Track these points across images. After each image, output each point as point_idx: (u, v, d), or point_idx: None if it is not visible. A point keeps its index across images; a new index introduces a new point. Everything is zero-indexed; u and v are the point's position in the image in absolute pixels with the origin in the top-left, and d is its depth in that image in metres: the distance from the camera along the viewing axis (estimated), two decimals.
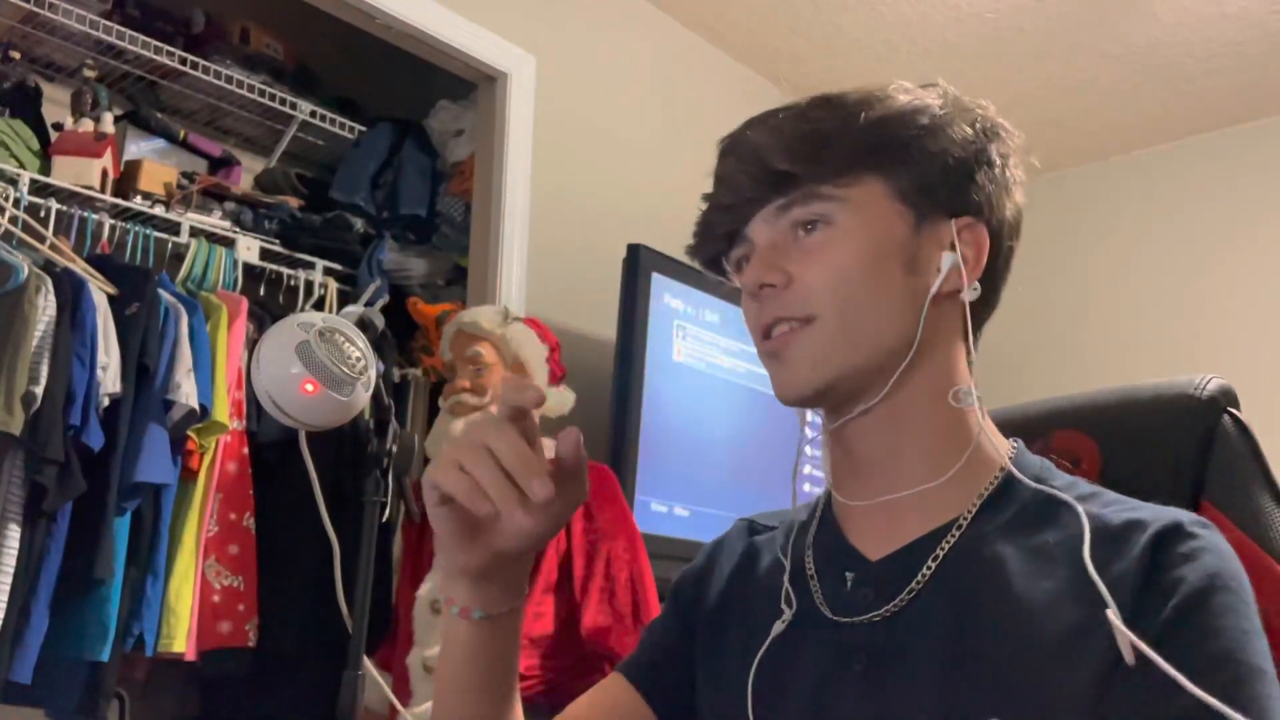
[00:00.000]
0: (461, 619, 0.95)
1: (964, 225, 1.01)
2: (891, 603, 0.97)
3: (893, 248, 0.99)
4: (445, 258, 3.59)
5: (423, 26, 3.04)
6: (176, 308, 2.70)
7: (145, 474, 2.50)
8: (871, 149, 1.00)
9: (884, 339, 0.98)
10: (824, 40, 3.96)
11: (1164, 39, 3.83)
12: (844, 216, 0.99)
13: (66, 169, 2.96)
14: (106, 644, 2.45)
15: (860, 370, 0.98)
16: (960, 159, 1.01)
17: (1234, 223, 4.38)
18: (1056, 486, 0.98)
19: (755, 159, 1.02)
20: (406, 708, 2.32)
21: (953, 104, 1.03)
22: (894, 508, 1.01)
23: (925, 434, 1.00)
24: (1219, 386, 1.15)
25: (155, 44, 3.26)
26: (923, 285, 1.00)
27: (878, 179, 1.00)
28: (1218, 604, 0.84)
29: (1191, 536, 0.88)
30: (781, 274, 1.00)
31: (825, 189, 0.99)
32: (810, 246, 1.00)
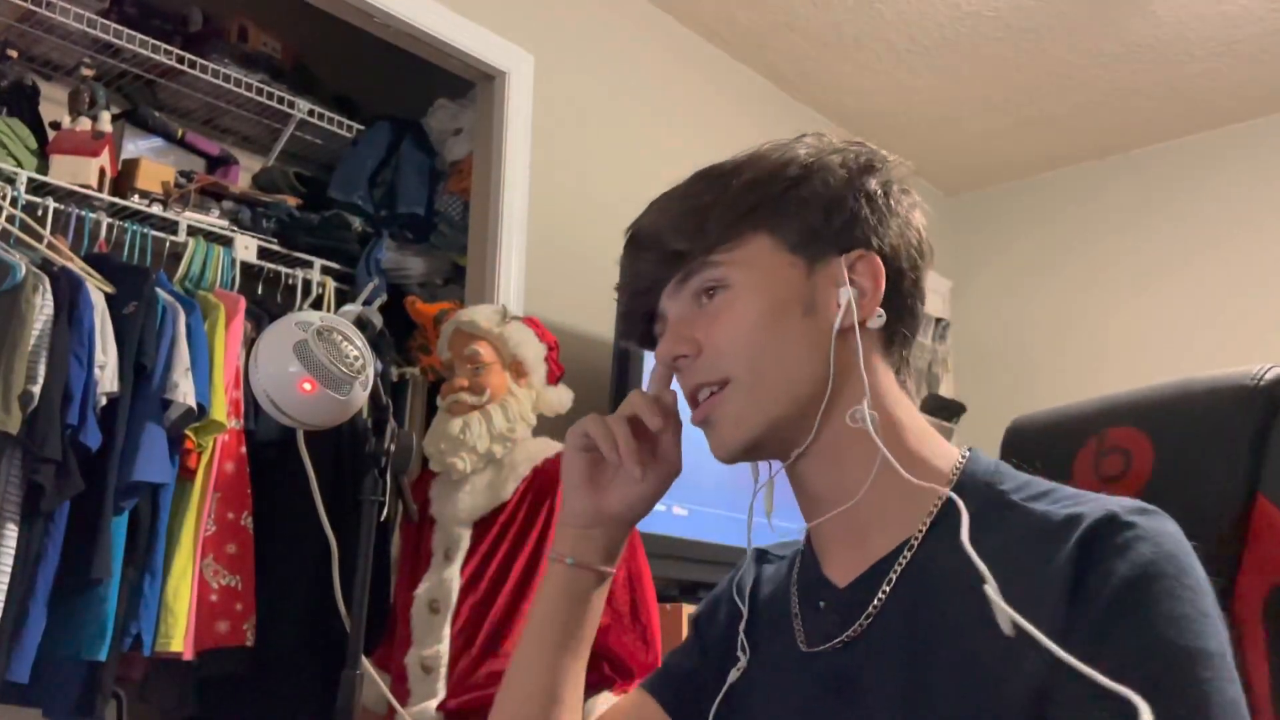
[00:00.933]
0: (558, 563, 1.10)
1: (855, 259, 1.04)
2: (851, 628, 0.99)
3: (789, 295, 1.03)
4: (443, 257, 3.59)
5: (421, 25, 3.04)
6: (174, 307, 2.69)
7: (143, 473, 2.50)
8: (748, 210, 1.04)
9: (798, 384, 1.02)
10: (823, 39, 3.96)
11: (1163, 37, 3.83)
12: (737, 277, 1.03)
13: (64, 168, 2.95)
14: (104, 643, 2.44)
15: (783, 419, 1.02)
16: (836, 198, 1.04)
17: (1235, 220, 4.38)
18: (1005, 489, 1.00)
19: (652, 243, 1.08)
20: (404, 707, 2.32)
21: (819, 150, 1.07)
22: (856, 532, 1.03)
23: (866, 462, 1.02)
24: (1277, 376, 1.13)
25: (153, 42, 3.25)
26: (825, 325, 1.03)
27: (763, 235, 1.04)
28: (1152, 592, 0.85)
29: (1127, 526, 0.88)
30: (690, 343, 1.05)
31: (715, 256, 1.04)
32: (713, 312, 1.04)
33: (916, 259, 1.08)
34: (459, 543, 2.44)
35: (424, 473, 2.62)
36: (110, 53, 3.28)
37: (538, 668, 1.11)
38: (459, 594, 2.39)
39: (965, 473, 1.03)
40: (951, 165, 4.99)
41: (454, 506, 2.45)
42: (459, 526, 2.45)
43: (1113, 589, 0.85)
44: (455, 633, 2.37)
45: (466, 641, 2.35)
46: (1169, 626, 0.83)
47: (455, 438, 2.43)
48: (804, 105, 4.39)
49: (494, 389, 2.49)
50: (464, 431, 2.43)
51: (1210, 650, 0.83)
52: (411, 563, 2.59)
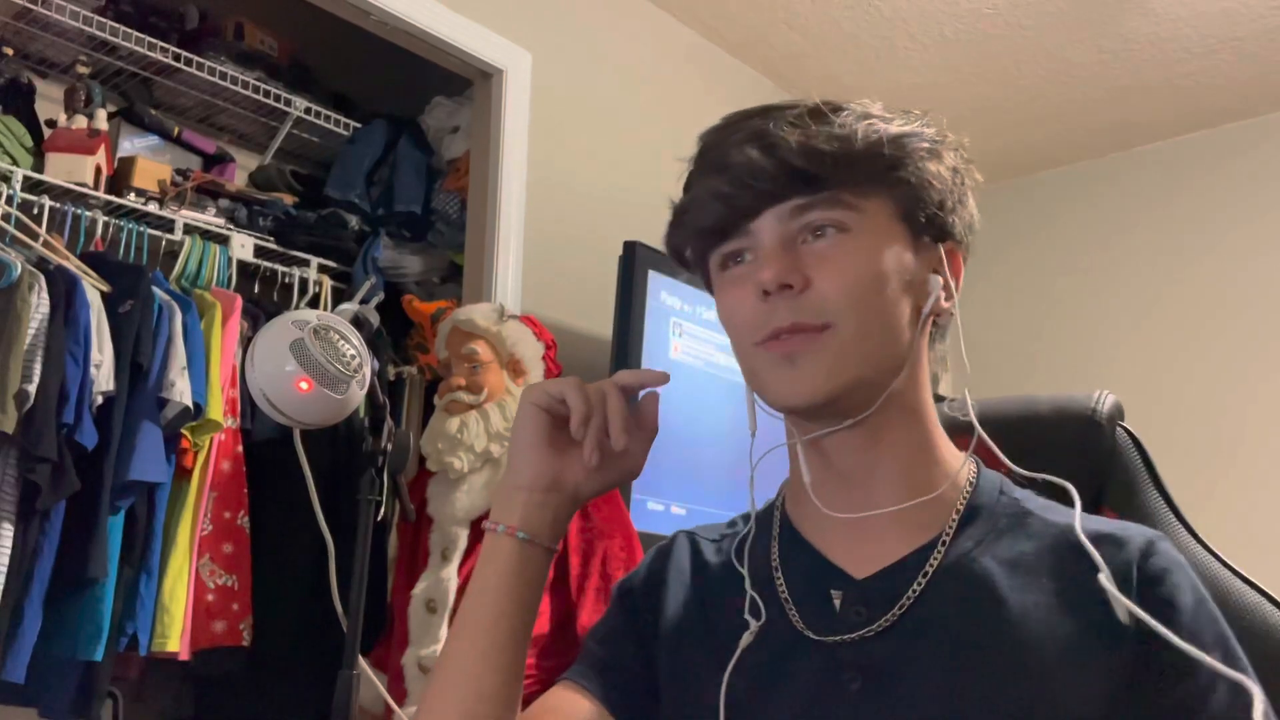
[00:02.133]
0: (507, 536, 1.01)
1: (949, 249, 1.05)
2: (884, 617, 0.98)
3: (897, 265, 1.00)
4: (440, 255, 3.58)
5: (418, 22, 3.03)
6: (170, 305, 2.69)
7: (139, 472, 2.49)
8: (891, 165, 1.00)
9: (889, 354, 1.00)
10: (821, 36, 3.95)
11: (1162, 34, 3.83)
12: (858, 227, 0.99)
13: (60, 166, 2.95)
14: (100, 643, 2.44)
15: (867, 383, 0.99)
16: (949, 187, 1.04)
17: (1235, 219, 4.37)
18: (1018, 498, 1.04)
19: (777, 153, 0.98)
20: (402, 707, 2.31)
21: (940, 132, 1.05)
22: (873, 525, 1.02)
23: (901, 451, 1.02)
24: (1114, 403, 1.25)
25: (149, 40, 3.24)
26: (918, 304, 1.02)
27: (887, 198, 1.01)
28: (1209, 607, 0.94)
29: (1168, 553, 0.96)
30: (801, 276, 0.98)
31: (847, 196, 0.99)
32: (823, 252, 0.99)
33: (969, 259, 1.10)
34: (456, 542, 2.43)
35: (421, 472, 2.62)
36: (106, 50, 3.27)
37: (489, 666, 0.99)
38: (456, 594, 2.39)
39: (981, 477, 1.06)
40: None
41: (451, 506, 2.44)
42: (456, 526, 2.44)
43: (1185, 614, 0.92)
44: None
45: None
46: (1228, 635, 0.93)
47: (452, 437, 2.43)
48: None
49: (491, 388, 2.48)
50: (461, 430, 2.43)
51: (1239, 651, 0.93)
52: (409, 562, 2.59)
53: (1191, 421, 4.19)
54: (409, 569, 2.56)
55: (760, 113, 1.02)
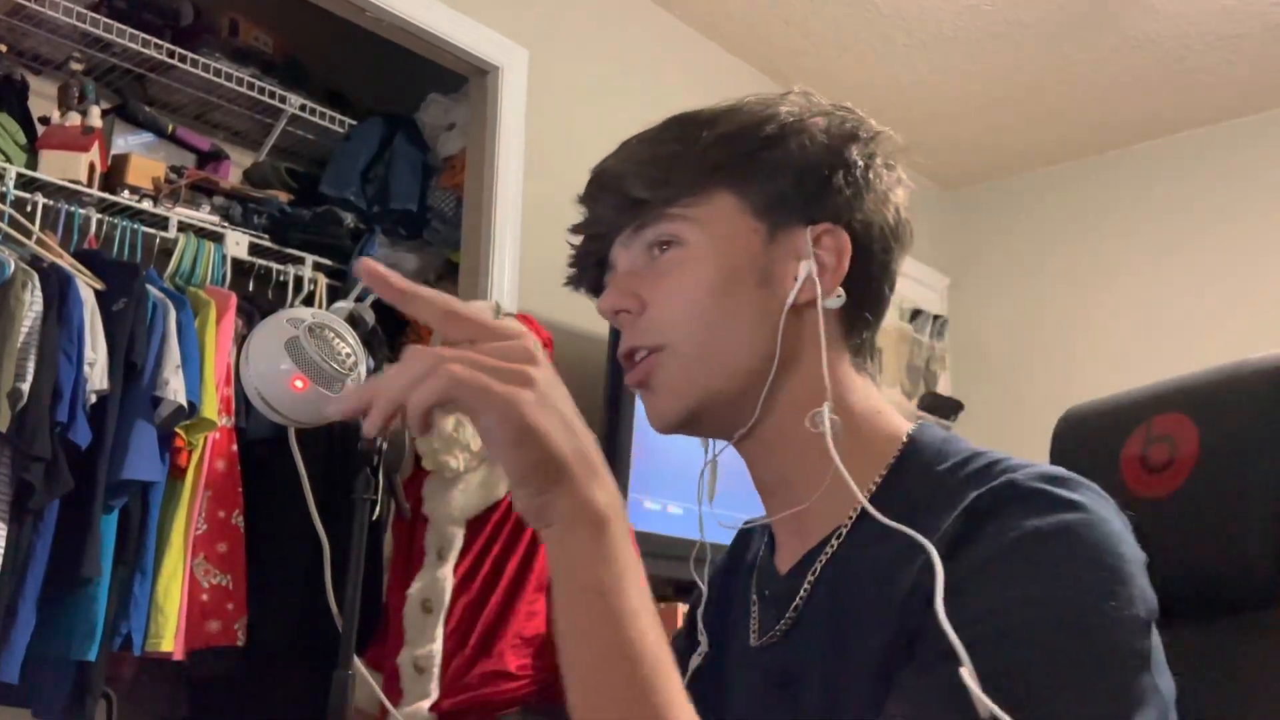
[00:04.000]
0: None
1: (821, 231, 0.98)
2: (782, 620, 0.96)
3: (744, 263, 0.97)
4: (436, 253, 3.57)
5: (413, 19, 3.02)
6: (164, 303, 2.68)
7: (133, 471, 2.49)
8: (716, 165, 0.98)
9: (741, 359, 0.97)
10: (820, 34, 3.94)
11: (1163, 32, 3.82)
12: (694, 235, 0.98)
13: (53, 163, 2.93)
14: (94, 643, 2.43)
15: (722, 394, 0.97)
16: (812, 164, 0.98)
17: (1235, 216, 4.37)
18: (943, 469, 0.94)
19: (613, 187, 1.02)
20: (397, 707, 2.31)
21: (804, 109, 1.01)
22: (801, 521, 0.99)
23: (810, 450, 0.95)
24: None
25: (143, 37, 3.22)
26: (778, 298, 0.97)
27: (728, 194, 0.98)
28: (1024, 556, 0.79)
29: (1024, 493, 0.83)
30: (635, 299, 0.99)
31: (674, 209, 0.98)
32: (663, 268, 0.98)
33: (890, 241, 1.02)
34: (452, 542, 2.42)
35: (416, 471, 2.60)
36: (100, 47, 3.25)
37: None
38: (452, 593, 2.38)
39: (903, 453, 0.98)
40: (949, 160, 4.98)
41: (447, 505, 2.43)
42: (452, 525, 2.43)
43: (987, 550, 0.80)
44: (448, 632, 2.36)
45: (459, 641, 2.34)
46: (1027, 586, 0.77)
47: (449, 435, 2.42)
48: None
49: None
50: (457, 429, 2.42)
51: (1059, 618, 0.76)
52: (404, 562, 2.58)
53: None
54: (404, 568, 2.55)
55: (620, 146, 1.05)
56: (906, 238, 1.04)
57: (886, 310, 1.05)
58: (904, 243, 1.03)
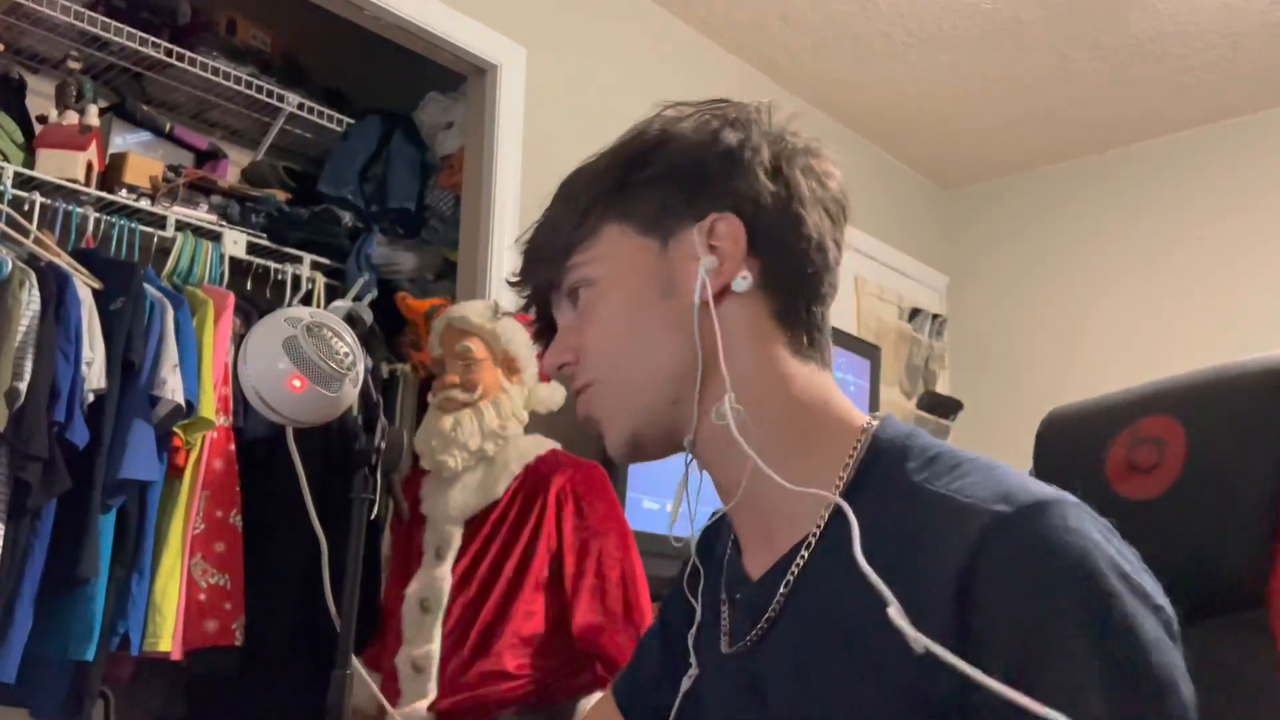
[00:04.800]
0: None
1: (710, 224, 0.97)
2: (755, 629, 0.96)
3: (643, 281, 0.99)
4: (434, 252, 3.56)
5: (411, 17, 3.01)
6: (162, 302, 2.67)
7: (130, 471, 2.48)
8: (593, 202, 1.01)
9: (661, 372, 0.98)
10: (819, 32, 3.94)
11: (1163, 30, 3.81)
12: (596, 272, 1.01)
13: (51, 162, 2.93)
14: (91, 643, 2.43)
15: (654, 409, 0.99)
16: (683, 166, 0.99)
17: (1234, 215, 4.37)
18: (910, 467, 0.91)
19: (531, 258, 1.08)
20: (395, 707, 2.30)
21: (669, 120, 1.02)
22: (764, 524, 0.98)
23: (757, 447, 0.93)
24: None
25: (141, 35, 3.22)
26: (685, 302, 0.97)
27: (613, 224, 1.01)
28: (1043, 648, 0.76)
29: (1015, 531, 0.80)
30: (570, 350, 1.03)
31: (574, 257, 1.02)
32: (584, 313, 1.02)
33: (795, 206, 0.98)
34: (450, 541, 2.42)
35: (415, 470, 2.60)
36: (97, 46, 3.25)
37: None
38: (450, 593, 2.38)
39: (870, 450, 0.95)
40: (948, 159, 4.98)
41: (445, 504, 2.43)
42: (450, 525, 2.43)
43: (1009, 627, 0.77)
44: (446, 632, 2.36)
45: (458, 641, 2.34)
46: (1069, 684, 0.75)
47: (446, 435, 2.42)
48: (798, 99, 4.37)
49: (486, 386, 2.47)
50: (455, 429, 2.42)
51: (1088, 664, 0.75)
52: (402, 561, 2.57)
53: None
54: (403, 568, 2.55)
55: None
56: (819, 198, 1.00)
57: (825, 282, 1.01)
58: (820, 203, 1.00)
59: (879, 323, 4.53)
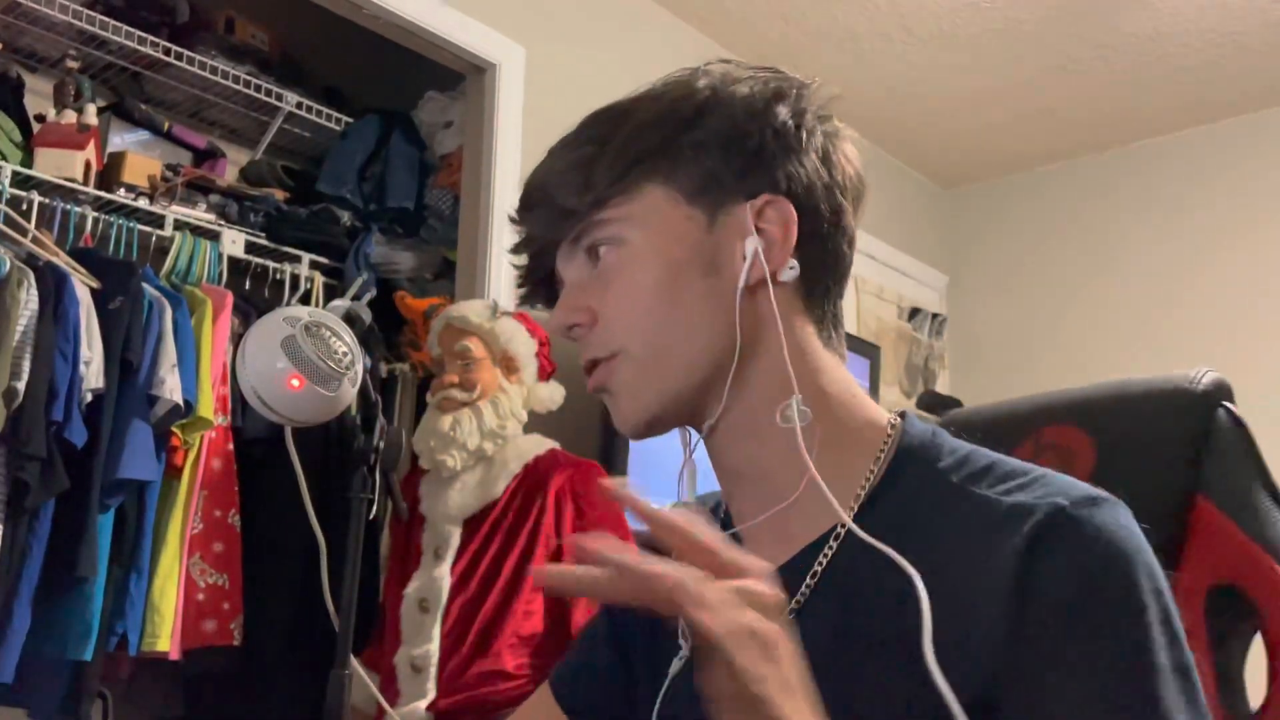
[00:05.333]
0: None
1: (762, 204, 0.93)
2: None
3: (687, 254, 0.93)
4: (433, 251, 3.56)
5: (410, 16, 3.01)
6: (160, 302, 2.67)
7: (129, 470, 2.48)
8: (638, 158, 0.94)
9: (698, 353, 0.93)
10: (818, 31, 3.93)
11: (1162, 29, 3.81)
12: (631, 234, 0.94)
13: (49, 161, 2.92)
14: (90, 643, 2.43)
15: (682, 391, 0.94)
16: (737, 136, 0.93)
17: (1234, 215, 4.36)
18: (944, 467, 0.91)
19: (541, 199, 0.98)
20: (394, 707, 2.30)
21: (721, 81, 0.96)
22: (783, 520, 0.94)
23: (783, 437, 0.91)
24: (1214, 380, 1.15)
25: (139, 34, 3.22)
26: (729, 284, 0.93)
27: (657, 185, 0.94)
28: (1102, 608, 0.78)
29: (1074, 523, 0.81)
30: (585, 312, 0.96)
31: (605, 213, 0.94)
32: (606, 275, 0.95)
33: (839, 197, 0.96)
34: (449, 541, 2.42)
35: (413, 470, 2.60)
36: (96, 45, 3.25)
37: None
38: (449, 593, 2.37)
39: (899, 448, 0.94)
40: (948, 158, 4.97)
41: (444, 504, 2.43)
42: (449, 524, 2.43)
43: (1060, 603, 0.79)
44: (445, 632, 2.35)
45: (456, 641, 2.33)
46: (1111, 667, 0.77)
47: (445, 434, 2.41)
48: None
49: (485, 385, 2.46)
50: (454, 428, 2.41)
51: (1160, 664, 0.77)
52: (401, 561, 2.57)
53: None
54: (401, 568, 2.54)
55: (548, 153, 1.01)
56: (856, 189, 0.98)
57: (849, 273, 1.00)
58: (853, 195, 0.98)
59: (878, 322, 4.53)
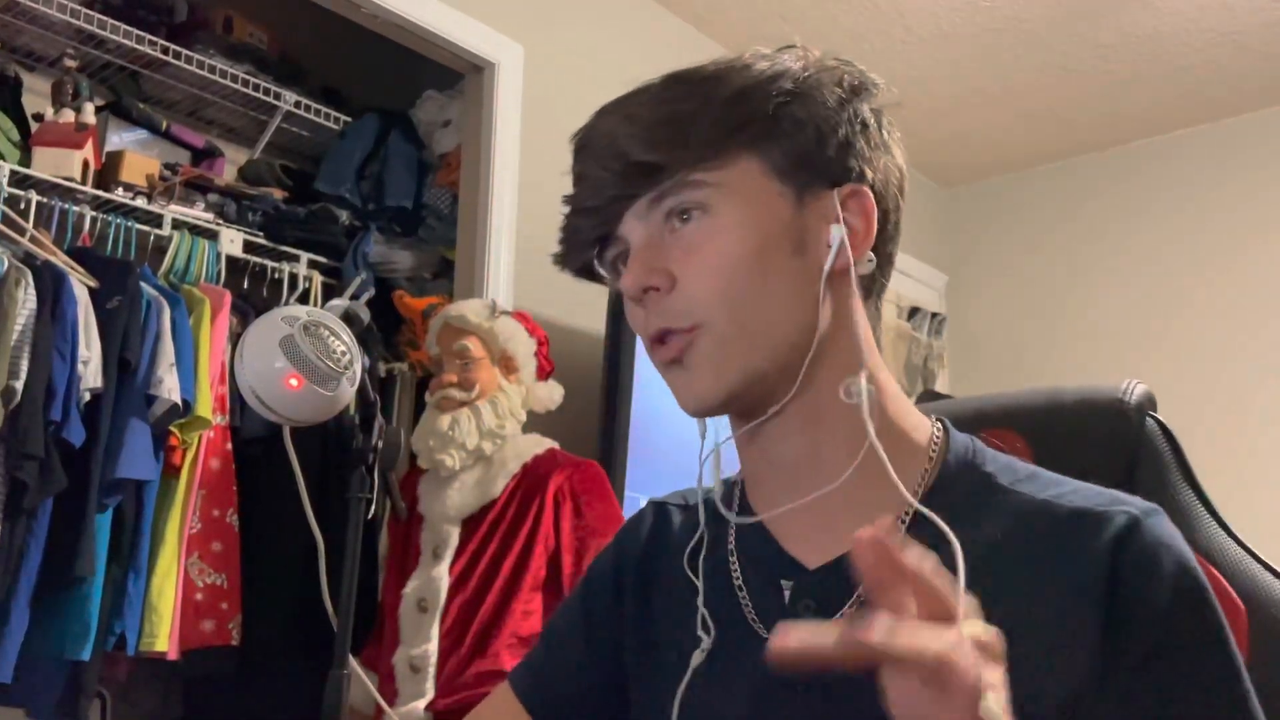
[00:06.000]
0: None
1: (848, 193, 0.93)
2: (837, 614, 0.90)
3: (777, 231, 0.91)
4: (432, 250, 3.56)
5: (409, 15, 3.00)
6: (159, 301, 2.67)
7: (127, 470, 2.47)
8: (739, 124, 0.91)
9: (782, 333, 0.91)
10: (817, 30, 3.93)
11: (1162, 29, 3.81)
12: (721, 203, 0.91)
13: (47, 160, 2.92)
14: (88, 643, 2.42)
15: (764, 371, 0.91)
16: (833, 122, 0.93)
17: (1234, 214, 4.36)
18: (990, 472, 0.94)
19: (615, 152, 0.94)
20: (393, 707, 2.30)
21: (815, 64, 0.95)
22: (825, 509, 0.93)
23: (844, 425, 0.92)
24: (1143, 392, 1.21)
25: (137, 33, 3.21)
26: (814, 266, 0.92)
27: (751, 157, 0.92)
28: (1193, 617, 0.84)
29: (1150, 533, 0.86)
30: (664, 275, 0.92)
31: (697, 175, 0.91)
32: (689, 241, 0.92)
33: (899, 198, 0.98)
34: (448, 541, 2.41)
35: (412, 469, 2.60)
36: (94, 44, 3.24)
37: None
38: (448, 593, 2.37)
39: (944, 449, 0.95)
40: (948, 158, 4.97)
41: (443, 504, 2.42)
42: (448, 524, 2.42)
43: (1156, 614, 0.83)
44: (444, 632, 2.35)
45: (455, 641, 2.33)
46: (1210, 654, 0.83)
47: (444, 434, 2.41)
48: None
49: (483, 385, 2.46)
50: (453, 428, 2.41)
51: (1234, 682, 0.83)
52: (400, 561, 2.57)
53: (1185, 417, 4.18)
54: (400, 567, 2.54)
55: (611, 106, 0.98)
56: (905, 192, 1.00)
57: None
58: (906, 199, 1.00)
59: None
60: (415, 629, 2.38)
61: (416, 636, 2.37)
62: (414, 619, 2.38)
